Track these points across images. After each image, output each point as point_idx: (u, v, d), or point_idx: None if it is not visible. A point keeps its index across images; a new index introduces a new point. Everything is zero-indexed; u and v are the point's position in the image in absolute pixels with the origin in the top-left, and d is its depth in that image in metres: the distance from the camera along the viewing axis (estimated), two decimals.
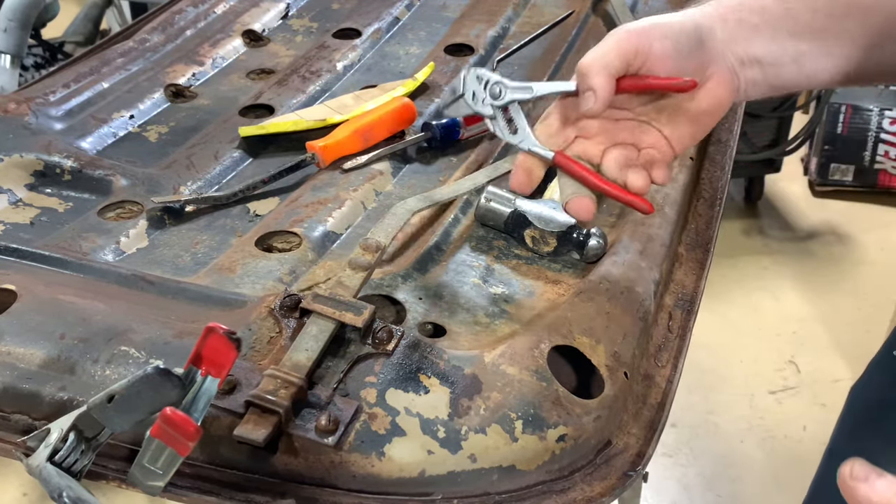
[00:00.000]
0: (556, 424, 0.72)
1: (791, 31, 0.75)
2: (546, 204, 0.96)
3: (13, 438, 0.71)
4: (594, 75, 0.72)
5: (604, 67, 0.71)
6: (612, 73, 0.72)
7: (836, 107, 3.02)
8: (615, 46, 0.72)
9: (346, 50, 1.40)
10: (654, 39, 0.72)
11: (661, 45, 0.72)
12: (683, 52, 0.72)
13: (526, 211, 0.95)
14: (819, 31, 0.75)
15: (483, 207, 0.97)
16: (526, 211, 0.95)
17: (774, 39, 0.75)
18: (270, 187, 1.08)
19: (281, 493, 0.69)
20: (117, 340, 0.77)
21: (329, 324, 0.75)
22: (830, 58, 0.76)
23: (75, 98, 1.24)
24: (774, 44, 0.75)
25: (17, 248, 0.92)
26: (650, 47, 0.71)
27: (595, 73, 0.71)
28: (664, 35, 0.72)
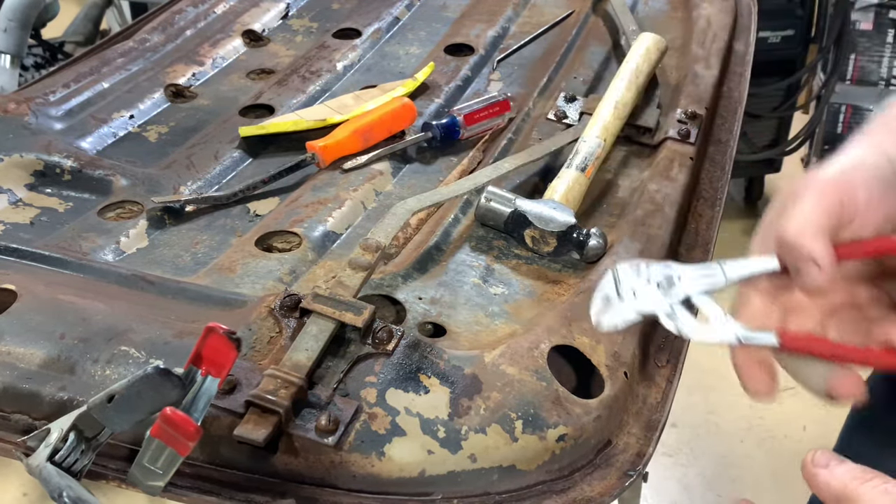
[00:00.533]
0: (556, 424, 0.72)
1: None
2: (546, 204, 0.96)
3: (13, 438, 0.71)
4: (810, 241, 0.58)
5: (817, 229, 0.58)
6: (828, 235, 0.59)
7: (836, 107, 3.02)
8: (818, 202, 0.59)
9: (346, 50, 1.40)
10: (859, 185, 0.60)
11: (868, 191, 0.59)
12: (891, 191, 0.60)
13: (526, 211, 0.95)
14: None
15: (483, 207, 0.97)
16: (526, 211, 0.95)
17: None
18: (270, 187, 1.08)
19: (281, 493, 0.69)
20: (117, 340, 0.77)
21: (329, 324, 0.75)
22: None
23: (75, 98, 1.24)
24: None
25: (17, 248, 0.92)
26: (855, 198, 0.59)
27: (811, 238, 0.58)
28: (866, 179, 0.60)
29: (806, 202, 0.60)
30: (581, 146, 1.05)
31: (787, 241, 0.59)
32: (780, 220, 0.60)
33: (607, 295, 0.61)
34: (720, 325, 0.59)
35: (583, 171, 1.01)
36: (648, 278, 0.60)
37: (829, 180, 0.60)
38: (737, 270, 0.60)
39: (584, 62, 1.34)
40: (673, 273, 0.60)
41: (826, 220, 0.59)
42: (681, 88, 1.21)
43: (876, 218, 0.60)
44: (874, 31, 2.98)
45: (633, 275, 0.61)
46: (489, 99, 1.19)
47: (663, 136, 1.12)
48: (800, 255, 0.59)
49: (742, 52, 1.39)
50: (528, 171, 1.08)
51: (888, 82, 3.02)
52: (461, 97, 1.29)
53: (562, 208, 0.95)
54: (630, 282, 0.61)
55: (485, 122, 1.18)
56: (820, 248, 0.58)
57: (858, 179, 0.60)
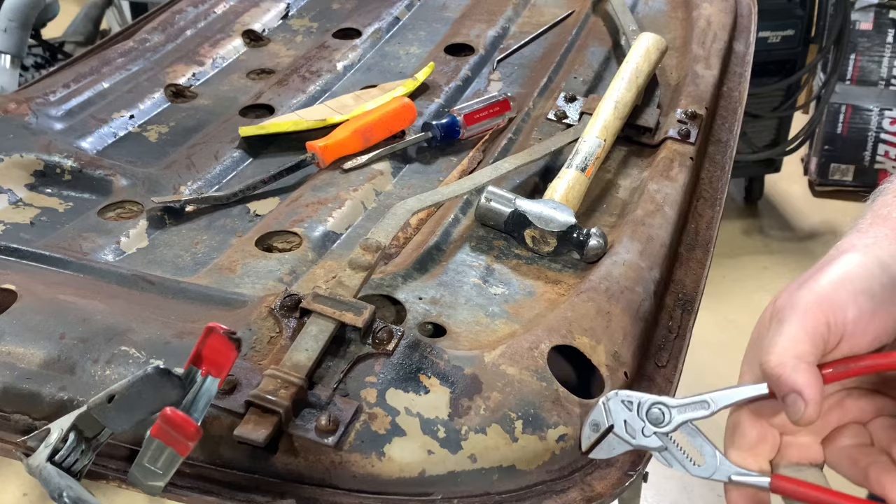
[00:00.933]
0: (557, 424, 0.72)
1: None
2: (546, 204, 0.96)
3: (13, 438, 0.71)
4: (792, 372, 0.55)
5: (799, 360, 0.55)
6: (813, 363, 0.56)
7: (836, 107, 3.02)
8: (802, 327, 0.56)
9: (346, 50, 1.40)
10: (848, 304, 0.56)
11: (857, 308, 0.56)
12: (883, 306, 0.56)
13: (526, 211, 0.95)
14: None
15: (483, 207, 0.97)
16: (526, 211, 0.95)
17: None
18: (270, 187, 1.08)
19: (281, 493, 0.69)
20: (117, 340, 0.77)
21: (329, 324, 0.75)
22: None
23: (75, 98, 1.24)
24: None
25: (17, 248, 0.92)
26: (845, 316, 0.56)
27: (793, 369, 0.55)
28: (856, 292, 0.56)
29: (789, 326, 0.56)
30: (581, 146, 1.05)
31: (769, 373, 0.57)
32: (764, 344, 0.58)
33: (597, 424, 0.63)
34: (713, 465, 0.59)
35: (583, 171, 1.01)
36: (639, 410, 0.61)
37: (813, 301, 0.57)
38: (727, 400, 0.60)
39: (584, 62, 1.34)
40: (663, 404, 0.61)
41: (810, 346, 0.56)
42: (681, 88, 1.21)
43: (867, 336, 0.57)
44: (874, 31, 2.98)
45: (624, 408, 0.62)
46: (489, 99, 1.19)
47: (663, 135, 1.12)
48: (783, 388, 0.56)
49: (742, 52, 1.39)
50: (528, 171, 1.08)
51: (888, 82, 3.02)
52: (461, 97, 1.29)
53: (562, 208, 0.95)
54: (621, 413, 0.62)
55: (485, 122, 1.18)
56: (804, 380, 0.55)
57: (846, 296, 0.56)
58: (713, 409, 0.60)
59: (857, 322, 0.56)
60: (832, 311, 0.56)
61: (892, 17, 2.96)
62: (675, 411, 0.61)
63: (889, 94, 3.03)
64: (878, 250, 0.59)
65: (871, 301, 0.56)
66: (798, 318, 0.56)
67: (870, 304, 0.56)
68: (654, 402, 0.61)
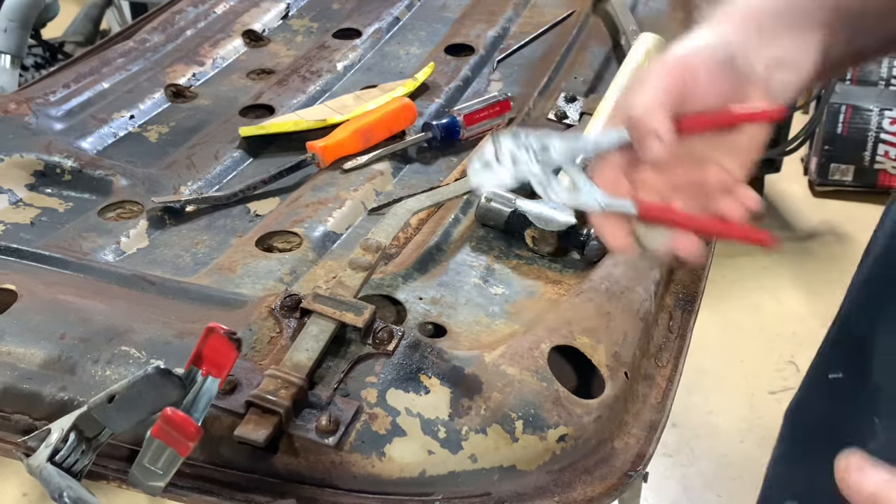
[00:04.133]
0: (557, 424, 0.72)
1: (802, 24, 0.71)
2: (546, 204, 0.96)
3: (14, 438, 0.71)
4: (653, 117, 0.64)
5: (660, 106, 0.64)
6: (669, 112, 0.65)
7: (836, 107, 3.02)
8: (663, 82, 0.65)
9: (347, 50, 1.40)
10: (698, 68, 0.66)
11: (706, 73, 0.66)
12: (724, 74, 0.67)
13: (526, 211, 0.95)
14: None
15: (483, 207, 0.97)
16: (526, 211, 0.95)
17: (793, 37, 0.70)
18: (271, 187, 1.08)
19: (281, 493, 0.69)
20: (118, 340, 0.77)
21: (329, 324, 0.75)
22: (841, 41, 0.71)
23: (75, 98, 1.24)
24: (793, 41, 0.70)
25: (17, 248, 0.92)
26: (695, 77, 0.66)
27: (653, 114, 0.64)
28: (705, 61, 0.66)
29: (651, 81, 0.65)
30: None
31: (632, 117, 0.64)
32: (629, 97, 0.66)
33: (487, 160, 0.65)
34: (586, 193, 0.64)
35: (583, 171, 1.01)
36: (526, 147, 0.65)
37: (673, 61, 0.66)
38: (601, 141, 0.65)
39: (584, 62, 1.34)
40: (548, 142, 0.65)
41: (668, 97, 0.64)
42: None
43: (712, 94, 0.66)
44: None
45: (512, 143, 0.65)
46: (489, 99, 1.19)
47: None
48: (644, 130, 0.64)
49: None
50: None
51: (888, 82, 3.02)
52: (461, 97, 1.29)
53: (562, 208, 0.95)
54: (509, 149, 0.65)
55: (485, 122, 1.17)
56: (661, 123, 0.64)
57: (698, 61, 0.66)
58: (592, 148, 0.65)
59: (706, 83, 0.65)
60: (687, 70, 0.65)
61: None
62: (558, 148, 0.65)
63: (889, 94, 3.02)
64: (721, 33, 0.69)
65: (717, 66, 0.66)
66: (660, 75, 0.65)
67: (716, 68, 0.66)
68: (539, 140, 0.65)
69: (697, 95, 0.66)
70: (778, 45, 0.70)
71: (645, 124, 0.65)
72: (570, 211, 0.95)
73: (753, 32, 0.69)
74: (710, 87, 0.66)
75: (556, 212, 0.94)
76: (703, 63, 0.66)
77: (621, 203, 0.64)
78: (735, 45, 0.68)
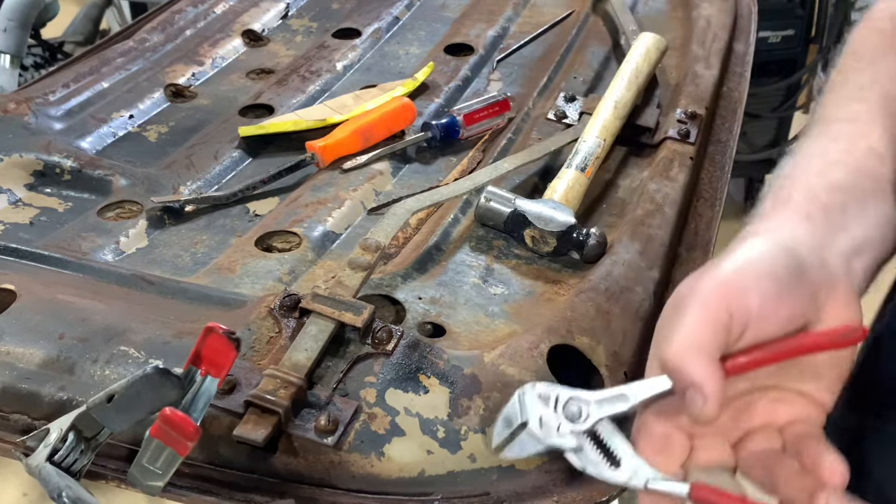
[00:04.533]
0: None
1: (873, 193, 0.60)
2: (546, 204, 0.96)
3: (13, 438, 0.71)
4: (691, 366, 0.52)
5: (698, 350, 0.52)
6: (714, 355, 0.52)
7: None
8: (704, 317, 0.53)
9: (346, 50, 1.39)
10: (751, 289, 0.53)
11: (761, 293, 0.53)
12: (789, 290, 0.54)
13: (526, 211, 0.95)
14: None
15: (483, 207, 0.97)
16: (526, 211, 0.95)
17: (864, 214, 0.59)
18: (270, 187, 1.08)
19: (280, 493, 0.69)
20: (117, 340, 0.76)
21: (329, 324, 0.75)
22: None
23: (75, 98, 1.24)
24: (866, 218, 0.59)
25: (16, 248, 0.92)
26: (748, 302, 0.53)
27: (691, 362, 0.52)
28: (759, 277, 0.53)
29: (688, 317, 0.53)
30: (581, 146, 1.05)
31: (668, 366, 0.53)
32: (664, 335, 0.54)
33: (510, 420, 0.57)
34: (630, 468, 0.55)
35: (583, 171, 1.01)
36: (555, 405, 0.57)
37: (714, 287, 0.53)
38: (643, 392, 0.56)
39: (584, 62, 1.34)
40: (581, 399, 0.56)
41: (711, 335, 0.52)
42: (681, 88, 1.21)
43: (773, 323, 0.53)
44: None
45: (540, 401, 0.57)
46: (489, 99, 1.19)
47: (663, 135, 1.12)
48: (682, 381, 0.52)
49: (742, 52, 1.39)
50: (527, 171, 1.08)
51: None
52: (461, 97, 1.29)
53: (562, 208, 0.95)
54: (537, 409, 0.56)
55: (485, 122, 1.17)
56: (702, 374, 0.51)
57: (749, 282, 0.53)
58: (632, 402, 0.55)
59: (762, 308, 0.53)
60: (734, 297, 0.53)
61: None
62: (593, 406, 0.56)
63: None
64: (781, 234, 0.58)
65: (776, 285, 0.53)
66: (698, 307, 0.53)
67: (774, 289, 0.53)
68: (571, 397, 0.56)
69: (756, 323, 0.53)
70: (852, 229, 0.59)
71: (682, 375, 0.52)
72: (569, 211, 0.95)
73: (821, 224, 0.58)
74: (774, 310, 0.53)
75: (556, 212, 0.94)
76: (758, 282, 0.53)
77: (673, 485, 0.54)
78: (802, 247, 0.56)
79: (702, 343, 0.52)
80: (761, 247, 0.56)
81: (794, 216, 0.59)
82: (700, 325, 0.52)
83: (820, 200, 0.60)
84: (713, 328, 0.52)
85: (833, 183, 0.61)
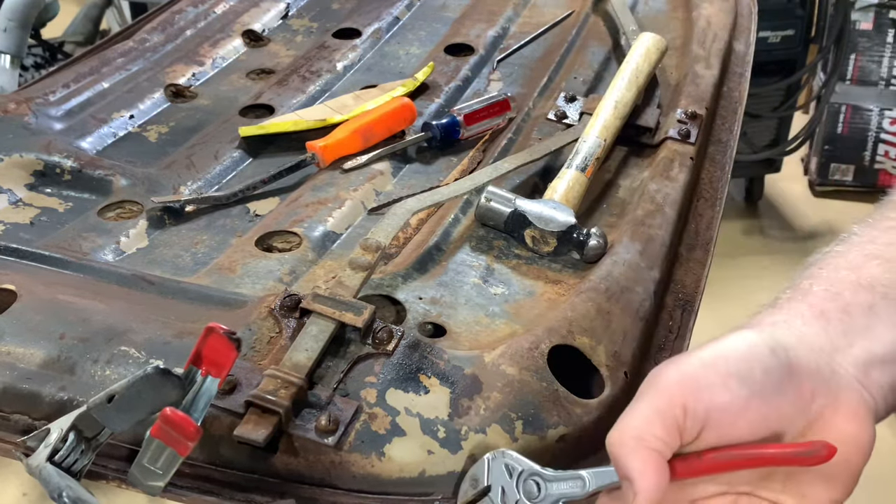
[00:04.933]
0: (557, 425, 0.72)
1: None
2: (546, 204, 0.96)
3: (13, 438, 0.71)
4: (626, 457, 0.49)
5: (637, 443, 0.49)
6: (656, 447, 0.49)
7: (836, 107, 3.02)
8: (653, 406, 0.50)
9: (346, 50, 1.40)
10: (714, 385, 0.49)
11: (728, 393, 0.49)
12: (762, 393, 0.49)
13: (526, 211, 0.95)
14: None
15: (483, 207, 0.97)
16: (526, 211, 0.95)
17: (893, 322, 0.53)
18: (270, 187, 1.08)
19: (281, 493, 0.69)
20: (117, 340, 0.76)
21: (329, 324, 0.75)
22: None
23: (75, 98, 1.24)
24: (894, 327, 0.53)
25: (17, 248, 0.92)
26: (710, 400, 0.49)
27: (628, 453, 0.49)
28: (728, 375, 0.49)
29: (641, 404, 0.50)
30: (581, 146, 1.05)
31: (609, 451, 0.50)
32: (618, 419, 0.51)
33: (476, 480, 0.62)
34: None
35: (583, 171, 1.01)
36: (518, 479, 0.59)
37: (674, 380, 0.50)
38: (600, 480, 0.56)
39: (584, 62, 1.34)
40: (542, 477, 0.58)
41: (660, 429, 0.49)
42: (681, 88, 1.21)
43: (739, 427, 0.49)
44: (874, 31, 2.98)
45: (506, 472, 0.60)
46: (489, 99, 1.19)
47: (663, 135, 1.12)
48: (619, 471, 0.50)
49: (742, 52, 1.39)
50: (528, 171, 1.08)
51: (888, 82, 3.02)
52: (461, 97, 1.29)
53: (562, 208, 0.95)
54: (501, 478, 0.60)
55: (485, 122, 1.17)
56: (637, 467, 0.48)
57: (715, 378, 0.50)
58: (588, 489, 0.56)
59: (727, 409, 0.49)
60: (692, 393, 0.49)
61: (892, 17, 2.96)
62: (551, 485, 0.57)
63: (889, 94, 3.03)
64: (782, 330, 0.53)
65: (745, 387, 0.49)
66: (652, 396, 0.50)
67: (743, 391, 0.49)
68: (531, 474, 0.58)
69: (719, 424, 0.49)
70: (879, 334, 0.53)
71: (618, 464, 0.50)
72: (570, 211, 0.95)
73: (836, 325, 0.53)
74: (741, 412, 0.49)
75: (556, 212, 0.94)
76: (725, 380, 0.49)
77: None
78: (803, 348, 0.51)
79: (644, 435, 0.49)
80: (745, 342, 0.52)
81: (806, 312, 0.55)
82: (649, 416, 0.49)
83: (842, 298, 0.54)
84: (662, 422, 0.49)
85: (865, 279, 0.55)
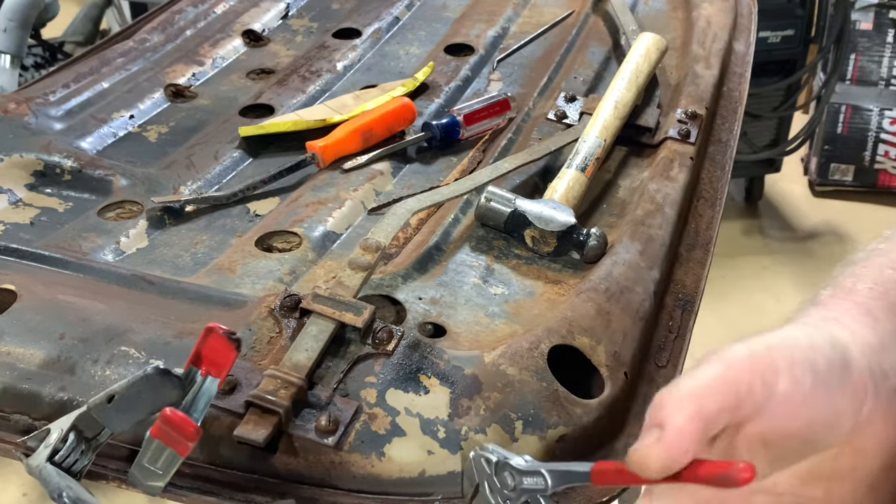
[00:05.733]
0: (557, 425, 0.72)
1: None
2: (546, 204, 0.96)
3: (13, 438, 0.71)
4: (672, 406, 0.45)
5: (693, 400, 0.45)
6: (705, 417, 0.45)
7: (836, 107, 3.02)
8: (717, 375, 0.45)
9: (346, 50, 1.40)
10: (781, 370, 0.46)
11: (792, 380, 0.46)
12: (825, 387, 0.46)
13: (526, 211, 0.95)
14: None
15: (483, 207, 0.97)
16: (526, 211, 0.95)
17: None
18: (270, 187, 1.08)
19: (281, 493, 0.69)
20: (117, 340, 0.76)
21: (329, 324, 0.75)
22: None
23: (75, 98, 1.24)
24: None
25: (17, 248, 0.92)
26: (774, 383, 0.46)
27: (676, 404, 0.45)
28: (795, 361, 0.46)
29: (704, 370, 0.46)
30: (581, 146, 1.05)
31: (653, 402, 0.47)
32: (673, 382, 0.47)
33: (471, 478, 0.61)
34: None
35: (583, 171, 1.01)
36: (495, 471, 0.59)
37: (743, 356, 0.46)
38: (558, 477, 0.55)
39: (584, 62, 1.34)
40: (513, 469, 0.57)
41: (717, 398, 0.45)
42: (681, 88, 1.21)
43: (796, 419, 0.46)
44: (874, 31, 2.98)
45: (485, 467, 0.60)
46: (489, 99, 1.19)
47: (663, 135, 1.12)
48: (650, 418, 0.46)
49: (742, 52, 1.39)
50: (528, 171, 1.08)
51: (888, 82, 3.02)
52: (461, 97, 1.29)
53: (562, 208, 0.95)
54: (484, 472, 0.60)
55: (485, 122, 1.17)
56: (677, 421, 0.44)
57: (782, 362, 0.46)
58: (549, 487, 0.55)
59: (788, 397, 0.45)
60: (761, 373, 0.45)
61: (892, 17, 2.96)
62: (521, 479, 0.56)
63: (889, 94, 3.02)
64: (832, 326, 0.50)
65: (811, 376, 0.46)
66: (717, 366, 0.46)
67: (808, 379, 0.46)
68: (504, 466, 0.57)
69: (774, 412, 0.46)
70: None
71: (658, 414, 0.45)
72: (570, 211, 0.95)
73: (885, 324, 0.50)
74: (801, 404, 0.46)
75: (556, 212, 0.94)
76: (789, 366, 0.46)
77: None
78: (854, 346, 0.48)
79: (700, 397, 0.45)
80: (806, 334, 0.48)
81: (854, 309, 0.51)
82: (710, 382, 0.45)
83: (889, 297, 0.51)
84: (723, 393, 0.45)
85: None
